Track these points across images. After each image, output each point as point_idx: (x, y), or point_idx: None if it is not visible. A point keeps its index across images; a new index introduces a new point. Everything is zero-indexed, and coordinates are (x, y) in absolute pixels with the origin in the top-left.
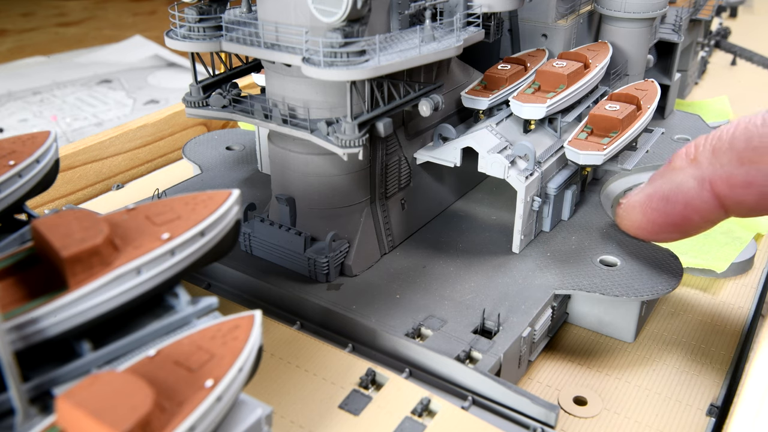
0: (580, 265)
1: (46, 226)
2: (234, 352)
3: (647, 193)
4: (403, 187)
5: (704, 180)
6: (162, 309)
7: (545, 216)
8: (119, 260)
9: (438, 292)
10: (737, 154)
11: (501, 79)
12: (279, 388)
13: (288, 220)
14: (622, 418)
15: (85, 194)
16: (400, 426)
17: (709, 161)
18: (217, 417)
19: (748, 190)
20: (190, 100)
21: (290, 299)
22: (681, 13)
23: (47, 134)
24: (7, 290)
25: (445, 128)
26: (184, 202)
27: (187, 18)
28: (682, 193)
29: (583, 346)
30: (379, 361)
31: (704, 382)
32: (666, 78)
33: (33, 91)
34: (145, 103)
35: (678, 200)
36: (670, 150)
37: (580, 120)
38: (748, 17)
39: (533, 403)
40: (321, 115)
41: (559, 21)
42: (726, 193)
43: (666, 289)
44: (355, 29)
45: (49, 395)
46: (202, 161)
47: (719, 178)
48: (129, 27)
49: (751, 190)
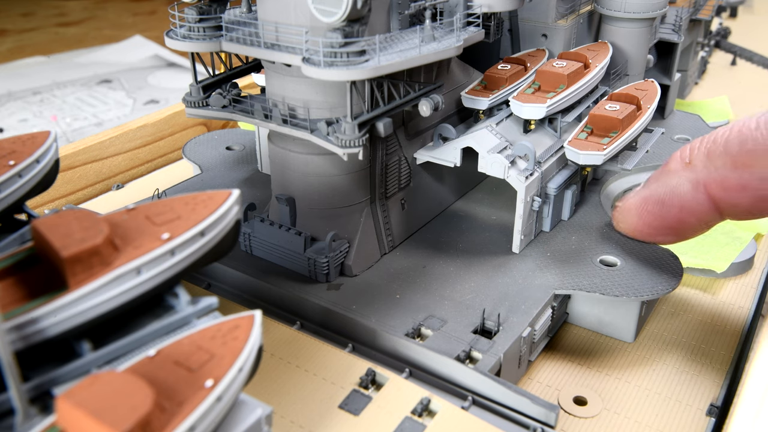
0: (580, 265)
1: (46, 226)
2: (234, 352)
3: (643, 195)
4: (403, 187)
5: (699, 183)
6: (162, 309)
7: (545, 216)
8: (119, 260)
9: (438, 292)
10: (731, 157)
11: (501, 79)
12: (279, 388)
13: (288, 220)
14: (622, 418)
15: (85, 194)
16: (400, 426)
17: (703, 164)
18: (217, 417)
19: (742, 194)
20: (190, 100)
21: (290, 299)
22: (681, 13)
23: (47, 134)
24: (7, 290)
25: (445, 128)
26: (184, 202)
27: (187, 18)
28: (677, 197)
29: (583, 346)
30: (379, 361)
31: (704, 382)
32: (666, 78)
33: (33, 91)
34: (145, 103)
35: (673, 203)
36: (670, 150)
37: (580, 120)
38: (748, 17)
39: (533, 403)
40: (321, 115)
41: (559, 21)
42: (721, 196)
43: (666, 289)
44: (355, 29)
45: (49, 395)
46: (202, 161)
47: (714, 182)
48: (129, 27)
49: (746, 193)
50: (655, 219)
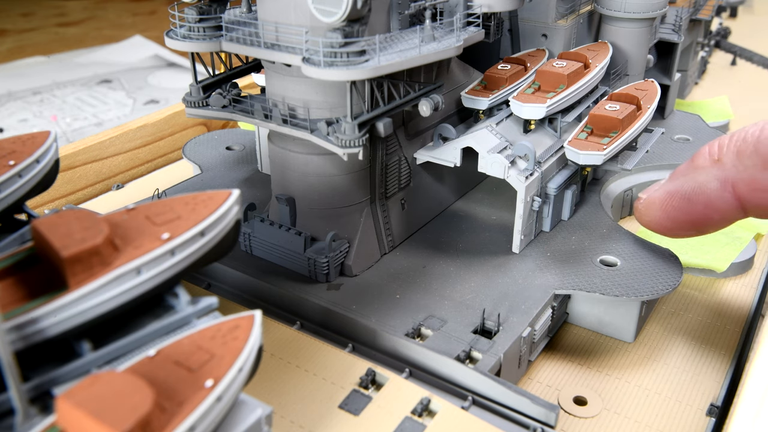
0: (580, 265)
1: (46, 226)
2: (234, 352)
3: (668, 190)
4: (403, 187)
5: (727, 181)
6: (162, 309)
7: (545, 216)
8: (119, 260)
9: (438, 292)
10: (762, 158)
11: (501, 79)
12: (279, 388)
13: (288, 220)
14: (622, 418)
15: (85, 194)
16: (400, 426)
17: (732, 163)
18: (217, 417)
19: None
20: (190, 100)
21: (290, 299)
22: (681, 13)
23: (47, 134)
24: (7, 290)
25: (445, 128)
26: (184, 202)
27: (187, 18)
28: (704, 194)
29: (583, 346)
30: (379, 361)
31: (704, 382)
32: (666, 78)
33: (33, 91)
34: (145, 103)
35: (699, 200)
36: (670, 150)
37: (580, 120)
38: (748, 17)
39: (533, 403)
40: (321, 115)
41: (559, 21)
42: (748, 196)
43: (666, 289)
44: (355, 29)
45: (49, 395)
46: (202, 161)
47: (742, 181)
48: (129, 27)
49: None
50: (680, 214)
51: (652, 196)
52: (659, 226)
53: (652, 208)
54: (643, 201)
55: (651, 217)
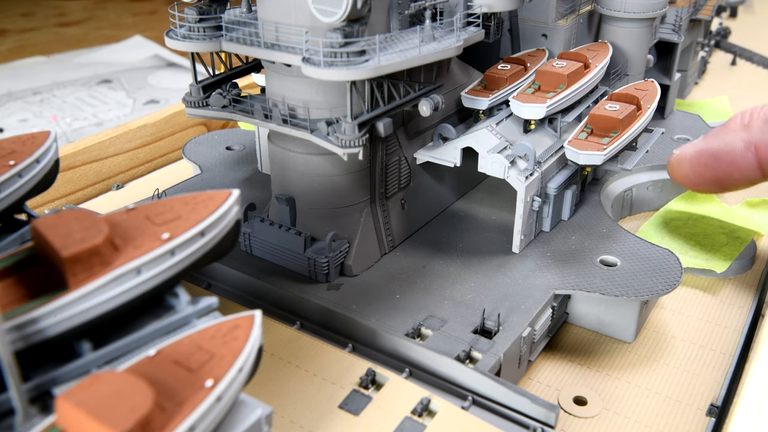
0: (580, 265)
1: (46, 226)
2: (234, 352)
3: (699, 148)
4: (403, 187)
5: (751, 143)
6: (162, 309)
7: (545, 216)
8: (119, 260)
9: (438, 292)
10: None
11: (501, 79)
12: (279, 388)
13: (288, 220)
14: (622, 418)
15: (85, 194)
16: (400, 426)
17: (759, 128)
18: (217, 417)
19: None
20: (190, 100)
21: (290, 299)
22: (681, 13)
23: (47, 134)
24: (7, 290)
25: (445, 128)
26: (184, 202)
27: (187, 18)
28: (729, 153)
29: (583, 346)
30: (379, 361)
31: (704, 382)
32: (666, 78)
33: (33, 91)
34: (145, 103)
35: (725, 158)
36: (670, 150)
37: (580, 120)
38: (748, 17)
39: (533, 403)
40: (321, 115)
41: (559, 21)
42: None
43: (666, 289)
44: (355, 29)
45: (49, 395)
46: (202, 161)
47: (764, 144)
48: (129, 27)
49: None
50: (707, 170)
51: (684, 152)
52: (687, 180)
53: (683, 163)
54: (676, 156)
55: (681, 172)
